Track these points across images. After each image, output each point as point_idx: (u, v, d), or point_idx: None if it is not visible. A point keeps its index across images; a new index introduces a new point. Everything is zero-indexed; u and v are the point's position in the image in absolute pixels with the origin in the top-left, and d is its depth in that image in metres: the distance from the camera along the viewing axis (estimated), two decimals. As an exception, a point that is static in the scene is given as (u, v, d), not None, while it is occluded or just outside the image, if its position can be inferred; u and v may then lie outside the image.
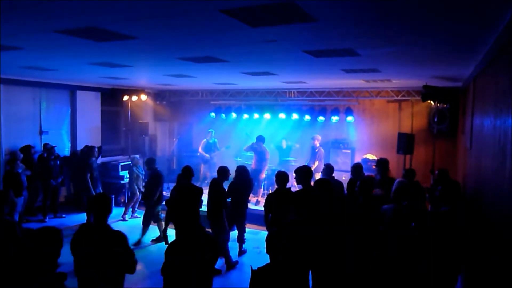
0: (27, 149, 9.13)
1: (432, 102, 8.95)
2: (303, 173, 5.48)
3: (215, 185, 6.49)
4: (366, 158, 10.12)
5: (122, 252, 3.45)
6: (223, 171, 6.51)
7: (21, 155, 8.86)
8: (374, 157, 10.02)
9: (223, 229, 6.55)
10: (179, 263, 3.59)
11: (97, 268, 3.34)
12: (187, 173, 6.02)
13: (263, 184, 10.22)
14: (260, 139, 9.85)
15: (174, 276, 3.60)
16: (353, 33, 3.95)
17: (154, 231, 8.48)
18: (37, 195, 9.29)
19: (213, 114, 12.04)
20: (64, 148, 10.53)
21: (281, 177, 5.76)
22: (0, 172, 8.46)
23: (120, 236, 3.48)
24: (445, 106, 9.07)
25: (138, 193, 9.32)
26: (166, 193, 8.18)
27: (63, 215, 9.52)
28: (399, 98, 9.96)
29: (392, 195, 5.25)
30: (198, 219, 5.91)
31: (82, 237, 3.52)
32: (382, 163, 6.82)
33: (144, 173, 9.74)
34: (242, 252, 7.07)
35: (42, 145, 9.66)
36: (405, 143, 8.68)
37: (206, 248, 3.67)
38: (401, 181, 6.03)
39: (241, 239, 6.99)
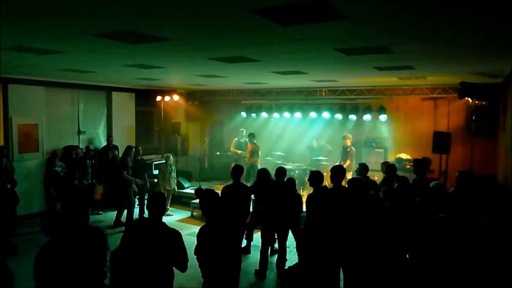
0: (68, 149, 9.51)
1: (469, 100, 8.61)
2: (335, 172, 5.47)
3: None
4: (399, 157, 9.87)
5: (177, 249, 3.58)
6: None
7: (59, 154, 9.22)
8: (408, 157, 9.76)
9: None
10: (210, 243, 3.82)
11: (152, 263, 3.47)
12: (237, 172, 6.16)
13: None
14: (252, 135, 10.94)
15: (207, 256, 3.83)
16: (387, 30, 3.87)
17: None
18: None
19: (244, 113, 12.13)
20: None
21: (317, 176, 5.70)
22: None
23: (176, 234, 3.61)
24: (483, 103, 8.70)
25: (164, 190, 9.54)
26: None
27: (100, 212, 9.86)
28: (434, 95, 9.66)
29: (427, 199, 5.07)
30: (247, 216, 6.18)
31: (137, 232, 3.68)
32: (420, 164, 6.61)
33: (175, 170, 9.92)
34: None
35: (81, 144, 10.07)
36: (441, 142, 8.41)
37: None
38: (437, 183, 5.80)
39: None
